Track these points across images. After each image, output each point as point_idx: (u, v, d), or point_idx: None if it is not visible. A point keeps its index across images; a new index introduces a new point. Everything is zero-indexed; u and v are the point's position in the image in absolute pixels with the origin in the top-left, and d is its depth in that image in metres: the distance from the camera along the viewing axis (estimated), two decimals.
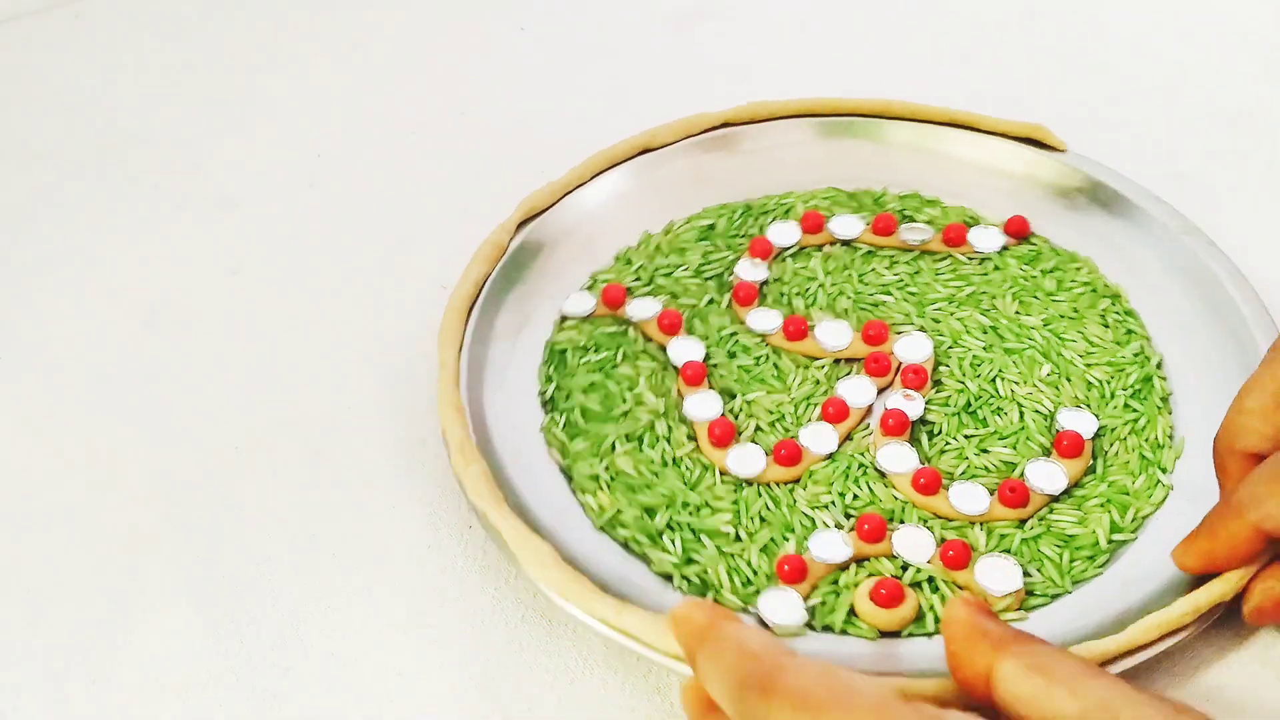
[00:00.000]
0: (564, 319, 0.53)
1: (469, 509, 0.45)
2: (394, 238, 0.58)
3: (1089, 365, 0.50)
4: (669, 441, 0.48)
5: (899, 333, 0.51)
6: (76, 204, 0.61)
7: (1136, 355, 0.50)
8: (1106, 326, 0.51)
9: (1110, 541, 0.44)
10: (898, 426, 0.47)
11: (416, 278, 0.56)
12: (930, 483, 0.45)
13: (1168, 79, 0.67)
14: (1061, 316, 0.52)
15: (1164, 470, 0.46)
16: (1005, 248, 0.55)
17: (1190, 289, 0.52)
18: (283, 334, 0.54)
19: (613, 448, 0.48)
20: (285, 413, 0.51)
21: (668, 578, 0.44)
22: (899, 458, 0.47)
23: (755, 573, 0.44)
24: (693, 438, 0.48)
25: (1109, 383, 0.49)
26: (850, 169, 0.59)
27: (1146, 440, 0.47)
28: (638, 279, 0.54)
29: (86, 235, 0.59)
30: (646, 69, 0.64)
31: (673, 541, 0.45)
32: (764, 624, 0.42)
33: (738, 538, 0.45)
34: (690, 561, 0.44)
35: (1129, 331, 0.51)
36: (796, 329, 0.51)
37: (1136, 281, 0.53)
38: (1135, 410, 0.48)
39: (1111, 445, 0.47)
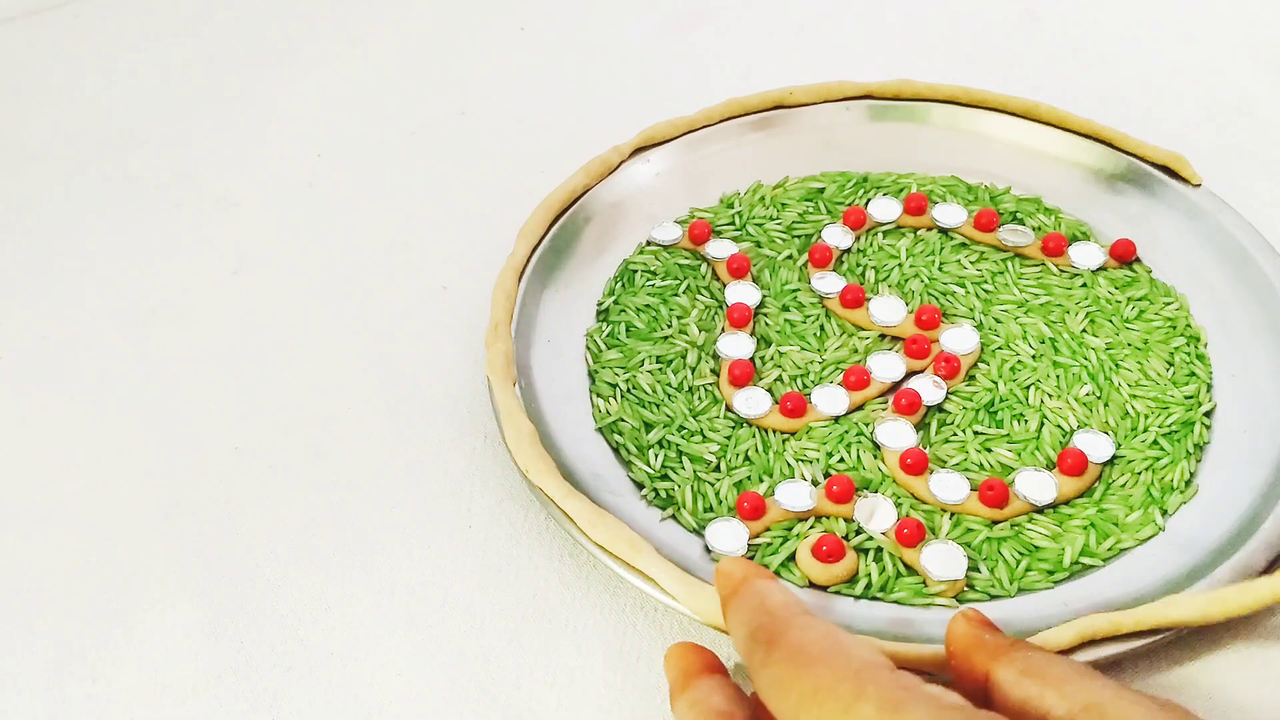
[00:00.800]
0: (648, 243, 0.56)
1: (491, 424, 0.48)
2: (394, 238, 0.58)
3: (1134, 396, 0.49)
4: (693, 371, 0.50)
5: (952, 322, 0.52)
6: (76, 204, 0.61)
7: (1188, 398, 0.48)
8: (1170, 365, 0.50)
9: (1075, 562, 0.44)
10: (909, 406, 0.48)
11: (416, 278, 0.56)
12: (916, 464, 0.46)
13: (1167, 79, 0.67)
14: (1128, 344, 0.50)
15: (1164, 512, 0.45)
16: (1104, 268, 0.54)
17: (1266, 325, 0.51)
18: (282, 334, 0.54)
19: (640, 364, 0.50)
20: (285, 413, 0.51)
21: (641, 486, 0.46)
22: (897, 434, 0.47)
23: (719, 502, 0.46)
24: (716, 372, 0.50)
25: (1147, 417, 0.48)
26: (962, 159, 0.59)
27: (1160, 480, 0.46)
28: (731, 222, 0.56)
29: (86, 235, 0.59)
30: (646, 69, 0.64)
31: (656, 456, 0.47)
32: (707, 549, 0.44)
33: (717, 468, 0.47)
34: (665, 477, 0.46)
35: (1192, 374, 0.49)
36: (853, 297, 0.52)
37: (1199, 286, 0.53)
38: (1162, 450, 0.47)
39: (1122, 476, 0.46)
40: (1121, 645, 0.40)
